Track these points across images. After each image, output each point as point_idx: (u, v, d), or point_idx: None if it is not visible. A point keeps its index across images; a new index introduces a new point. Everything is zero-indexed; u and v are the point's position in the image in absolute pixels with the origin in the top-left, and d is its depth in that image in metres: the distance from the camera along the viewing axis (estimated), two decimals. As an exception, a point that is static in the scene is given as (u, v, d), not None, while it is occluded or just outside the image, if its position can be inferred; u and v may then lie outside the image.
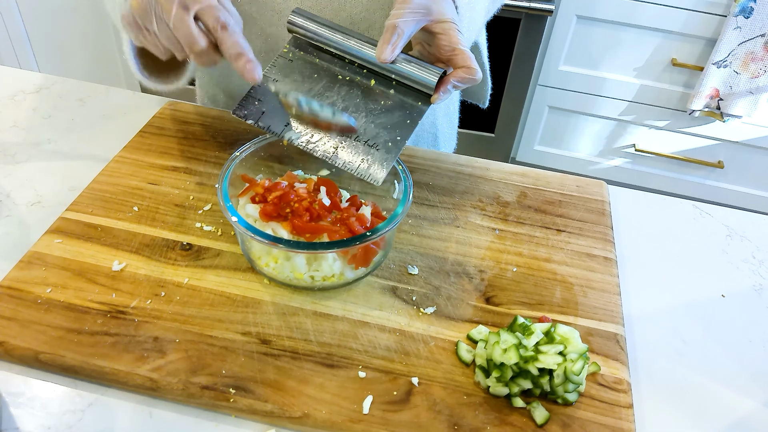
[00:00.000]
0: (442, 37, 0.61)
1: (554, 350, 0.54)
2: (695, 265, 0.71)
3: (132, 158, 0.74)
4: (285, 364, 0.54)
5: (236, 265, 0.62)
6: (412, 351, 0.56)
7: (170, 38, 0.56)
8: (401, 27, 0.60)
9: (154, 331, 0.55)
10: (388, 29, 0.60)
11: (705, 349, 0.62)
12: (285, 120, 0.63)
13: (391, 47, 0.60)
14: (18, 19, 2.13)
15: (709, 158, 2.04)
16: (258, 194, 0.61)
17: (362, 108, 0.63)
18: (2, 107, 0.83)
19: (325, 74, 0.65)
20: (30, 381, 0.53)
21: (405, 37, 0.60)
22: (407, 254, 0.66)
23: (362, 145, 0.62)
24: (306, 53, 0.67)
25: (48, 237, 0.63)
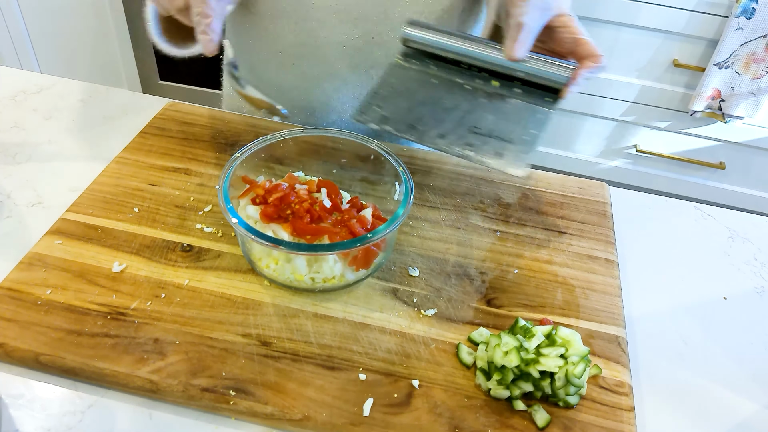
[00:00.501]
0: (563, 30, 0.62)
1: (555, 353, 0.53)
2: (697, 267, 0.71)
3: (133, 159, 0.74)
4: (285, 366, 0.54)
5: (237, 267, 0.62)
6: (413, 353, 0.56)
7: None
8: (528, 23, 0.60)
9: (154, 333, 0.55)
10: (516, 27, 0.60)
11: (706, 351, 0.62)
12: (410, 122, 0.63)
13: (521, 45, 0.60)
14: (19, 19, 2.13)
15: (711, 159, 2.04)
16: (258, 196, 0.61)
17: (489, 108, 0.64)
18: (3, 107, 0.83)
19: (444, 80, 0.66)
20: (30, 383, 0.53)
21: (534, 33, 0.61)
22: (408, 256, 0.65)
23: (496, 140, 0.62)
24: (421, 63, 0.68)
25: (48, 238, 0.63)
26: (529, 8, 0.60)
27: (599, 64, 0.62)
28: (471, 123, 0.63)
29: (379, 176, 0.68)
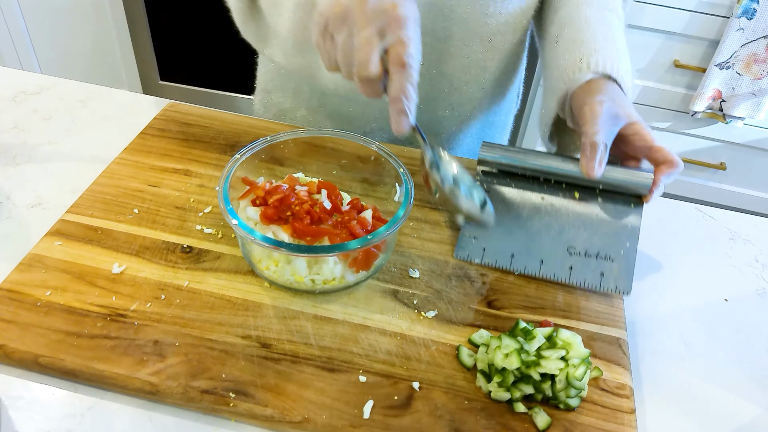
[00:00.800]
0: (636, 138, 0.64)
1: (556, 355, 0.53)
2: (698, 268, 0.71)
3: (133, 160, 0.74)
4: (285, 368, 0.54)
5: (237, 268, 0.62)
6: (413, 355, 0.56)
7: (346, 54, 0.52)
8: (602, 142, 0.62)
9: (153, 335, 0.55)
10: (591, 147, 0.62)
11: (708, 353, 0.61)
12: (509, 251, 0.65)
13: (598, 164, 0.62)
14: (20, 19, 2.13)
15: (711, 160, 2.03)
16: (259, 197, 0.61)
17: (577, 223, 0.65)
18: (3, 108, 0.83)
19: (527, 198, 0.67)
20: (29, 384, 0.53)
21: (607, 151, 0.63)
22: (408, 257, 0.65)
23: (594, 259, 0.63)
24: (499, 182, 0.69)
25: (48, 239, 0.63)
26: (601, 127, 0.62)
27: (676, 169, 0.63)
28: (566, 243, 0.65)
29: (379, 177, 0.68)
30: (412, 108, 0.52)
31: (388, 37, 0.51)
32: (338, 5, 0.51)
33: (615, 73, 0.66)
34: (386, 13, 0.50)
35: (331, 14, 0.52)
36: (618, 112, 0.63)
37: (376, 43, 0.50)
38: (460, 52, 0.78)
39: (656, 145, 0.64)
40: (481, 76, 0.82)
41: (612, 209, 0.66)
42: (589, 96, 0.64)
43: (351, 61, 0.52)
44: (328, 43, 0.54)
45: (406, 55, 0.51)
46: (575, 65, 0.67)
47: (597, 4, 0.73)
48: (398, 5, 0.50)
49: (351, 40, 0.51)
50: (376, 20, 0.50)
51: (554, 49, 0.73)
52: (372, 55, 0.50)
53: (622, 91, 0.66)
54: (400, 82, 0.51)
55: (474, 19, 0.75)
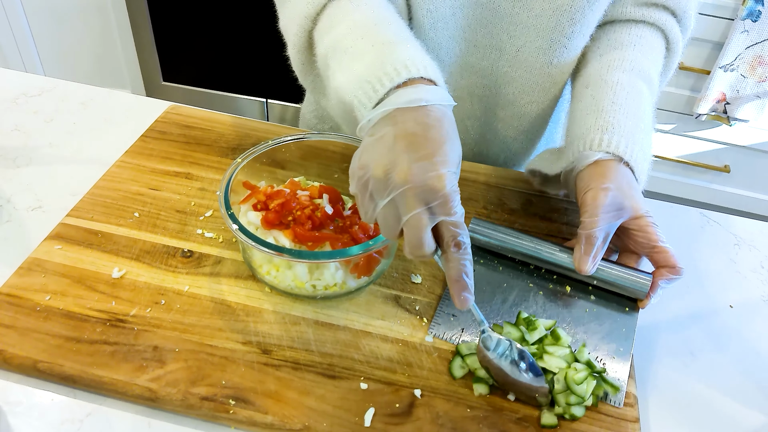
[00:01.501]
0: (639, 234, 0.60)
1: (561, 353, 0.53)
2: (703, 274, 0.70)
3: (134, 163, 0.74)
4: (286, 374, 0.53)
5: (237, 273, 0.62)
6: (415, 362, 0.55)
7: (388, 221, 0.49)
8: (598, 236, 0.57)
9: (153, 340, 0.55)
10: (586, 239, 0.58)
11: (712, 361, 0.61)
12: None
13: (592, 259, 0.58)
14: (23, 20, 2.13)
15: (716, 162, 2.02)
16: (260, 201, 0.60)
17: (566, 318, 0.60)
18: (4, 110, 0.83)
19: (514, 284, 0.63)
20: (28, 390, 0.52)
21: (604, 245, 0.58)
22: (410, 262, 0.65)
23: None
24: (486, 260, 0.65)
25: (48, 243, 0.62)
26: (600, 219, 0.57)
27: (678, 276, 0.59)
28: None
29: (381, 181, 0.68)
30: (472, 284, 0.50)
31: (438, 214, 0.48)
32: (380, 167, 0.47)
33: (629, 156, 0.60)
34: (434, 190, 0.47)
35: (373, 177, 0.48)
36: (624, 203, 0.58)
37: (427, 223, 0.48)
38: (519, 100, 0.76)
39: (660, 245, 0.59)
40: (536, 124, 0.81)
41: (605, 311, 0.61)
42: (595, 180, 0.59)
43: (394, 230, 0.49)
44: (367, 201, 0.50)
45: (462, 236, 0.49)
46: (587, 138, 0.62)
47: (629, 69, 0.67)
48: (445, 178, 0.47)
49: (396, 209, 0.48)
50: (424, 196, 0.47)
51: (575, 106, 0.68)
52: (426, 237, 0.48)
53: (635, 177, 0.61)
54: (460, 263, 0.49)
55: (537, 68, 0.73)
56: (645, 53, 0.68)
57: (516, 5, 0.68)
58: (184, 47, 2.15)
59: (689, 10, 0.70)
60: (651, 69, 0.68)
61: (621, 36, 0.70)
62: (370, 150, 0.49)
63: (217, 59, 2.16)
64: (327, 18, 0.61)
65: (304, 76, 0.69)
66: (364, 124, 0.52)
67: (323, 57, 0.60)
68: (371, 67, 0.52)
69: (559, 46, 0.70)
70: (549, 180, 0.71)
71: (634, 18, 0.70)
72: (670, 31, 0.70)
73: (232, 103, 2.27)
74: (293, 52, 0.66)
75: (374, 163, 0.48)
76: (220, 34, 2.08)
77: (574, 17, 0.67)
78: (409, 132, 0.48)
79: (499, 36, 0.71)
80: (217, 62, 2.17)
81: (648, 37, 0.69)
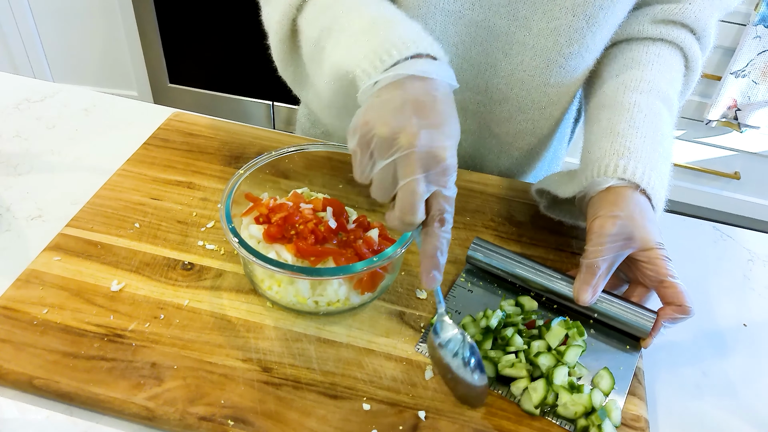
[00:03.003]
0: (648, 267, 0.56)
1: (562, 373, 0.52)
2: (715, 291, 0.68)
3: (135, 172, 0.73)
4: (286, 394, 0.52)
5: (238, 287, 0.60)
6: (419, 382, 0.54)
7: (384, 184, 0.48)
8: (601, 266, 0.55)
9: (151, 357, 0.53)
10: (587, 269, 0.55)
11: (726, 382, 0.59)
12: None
13: (592, 290, 0.55)
14: (31, 22, 2.13)
15: (726, 169, 2.00)
16: (262, 215, 0.59)
17: None
18: (6, 116, 0.82)
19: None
20: (24, 406, 0.51)
21: (606, 276, 0.56)
22: (416, 277, 0.63)
23: None
24: (485, 282, 0.63)
25: (47, 254, 0.61)
26: (605, 248, 0.55)
27: (683, 316, 0.56)
28: None
29: (386, 193, 0.66)
30: (443, 264, 0.49)
31: (434, 183, 0.48)
32: (387, 126, 0.47)
33: (646, 183, 0.57)
34: (436, 158, 0.47)
35: (378, 135, 0.47)
36: (633, 233, 0.55)
37: (424, 191, 0.47)
38: (514, 117, 0.75)
39: (669, 281, 0.56)
40: (532, 142, 0.79)
41: (603, 346, 0.58)
42: (604, 207, 0.56)
43: (388, 193, 0.49)
44: (366, 159, 0.49)
45: (448, 213, 0.49)
46: (602, 163, 0.59)
47: (647, 89, 0.64)
48: (448, 150, 0.47)
49: (394, 172, 0.47)
50: (426, 163, 0.47)
51: (590, 129, 0.65)
52: (419, 204, 0.47)
53: (651, 205, 0.57)
54: (438, 240, 0.49)
55: (533, 88, 0.71)
56: (663, 73, 0.66)
57: (512, 25, 0.66)
58: (191, 50, 2.14)
59: (709, 27, 0.68)
60: (670, 89, 0.65)
61: (638, 55, 0.67)
62: (376, 109, 0.48)
63: (223, 62, 2.15)
64: (314, 5, 0.60)
65: (284, 66, 0.69)
66: (368, 87, 0.51)
67: (314, 41, 0.59)
68: (377, 41, 0.51)
69: (556, 66, 0.68)
70: (557, 204, 0.70)
71: (652, 36, 0.68)
72: (689, 49, 0.68)
73: (239, 106, 2.26)
74: (275, 41, 0.66)
75: (380, 122, 0.47)
76: (226, 37, 2.08)
77: (572, 38, 0.65)
78: (418, 99, 0.48)
79: (495, 54, 0.69)
80: (224, 65, 2.16)
81: (666, 55, 0.67)
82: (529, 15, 0.65)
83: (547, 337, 0.55)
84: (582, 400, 0.51)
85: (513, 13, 0.65)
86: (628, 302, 0.58)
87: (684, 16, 0.67)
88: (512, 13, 0.65)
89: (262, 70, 2.13)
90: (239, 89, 2.22)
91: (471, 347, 0.51)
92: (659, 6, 0.68)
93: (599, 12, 0.63)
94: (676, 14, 0.67)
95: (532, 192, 0.70)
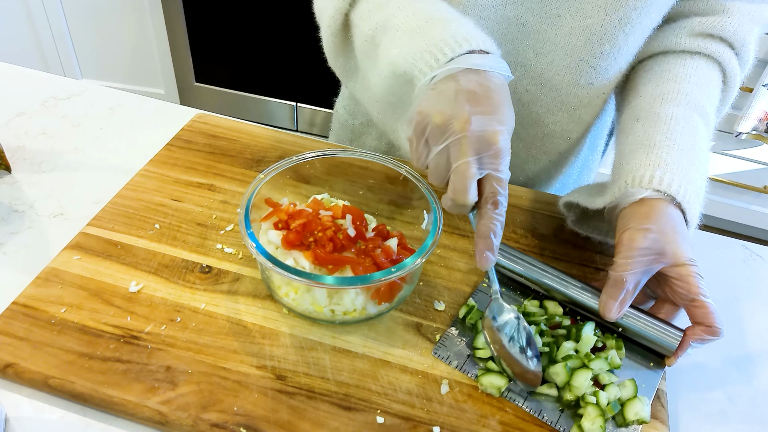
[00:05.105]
0: (678, 283, 0.54)
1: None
2: (744, 312, 0.66)
3: (158, 173, 0.73)
4: (300, 403, 0.51)
5: (255, 292, 0.60)
6: (435, 396, 0.53)
7: (439, 168, 0.51)
8: (629, 281, 0.53)
9: (166, 360, 0.53)
10: (614, 282, 0.54)
11: (753, 409, 0.57)
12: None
13: (619, 305, 0.54)
14: (63, 21, 2.16)
15: (755, 183, 1.95)
16: (281, 220, 0.58)
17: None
18: (32, 114, 0.83)
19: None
20: (39, 405, 0.51)
21: (634, 292, 0.54)
22: (434, 288, 0.62)
23: None
24: (508, 289, 0.62)
25: (67, 253, 0.62)
26: (634, 262, 0.53)
27: (712, 337, 0.53)
28: None
29: (407, 200, 0.66)
30: (497, 246, 0.51)
31: (486, 166, 0.50)
32: (441, 115, 0.50)
33: (681, 196, 0.55)
34: (488, 142, 0.49)
35: (433, 123, 0.50)
36: (664, 248, 0.53)
37: (476, 173, 0.49)
38: (543, 119, 0.74)
39: (700, 300, 0.53)
40: (561, 146, 0.77)
41: (626, 362, 0.56)
42: (635, 220, 0.54)
43: (444, 175, 0.51)
44: (422, 147, 0.52)
45: (501, 195, 0.50)
46: (636, 173, 0.57)
47: (684, 102, 0.62)
48: (500, 134, 0.49)
49: (448, 156, 0.50)
50: (478, 146, 0.49)
51: (623, 141, 0.63)
52: (471, 186, 0.49)
53: (685, 219, 0.56)
54: (492, 222, 0.50)
55: (563, 88, 0.70)
56: (701, 87, 0.64)
57: (544, 22, 0.65)
58: (217, 50, 2.16)
59: (748, 43, 0.66)
60: (707, 104, 0.63)
61: (675, 68, 0.65)
62: (431, 99, 0.51)
63: (249, 62, 2.17)
64: (367, 1, 0.62)
65: (335, 58, 0.70)
66: (425, 82, 0.53)
67: (369, 37, 0.61)
68: (431, 39, 0.54)
69: (586, 66, 0.67)
70: (586, 218, 0.68)
71: (689, 49, 0.66)
72: (728, 64, 0.66)
73: (263, 106, 2.27)
74: (327, 34, 0.68)
75: (435, 111, 0.50)
76: (252, 38, 2.09)
77: (604, 37, 0.64)
78: (471, 89, 0.50)
79: (525, 53, 0.68)
80: (249, 65, 2.17)
81: (704, 69, 0.65)
82: (561, 12, 0.64)
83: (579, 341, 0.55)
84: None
85: (545, 10, 0.65)
86: (654, 318, 0.57)
87: (723, 29, 0.65)
88: (544, 10, 0.65)
89: (287, 72, 2.14)
90: (263, 90, 2.23)
91: (527, 332, 0.53)
92: (697, 18, 0.66)
93: (632, 12, 0.62)
94: (714, 27, 0.65)
95: (560, 205, 0.68)
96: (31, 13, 2.14)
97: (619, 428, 0.52)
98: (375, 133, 0.88)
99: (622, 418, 0.52)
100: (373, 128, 0.87)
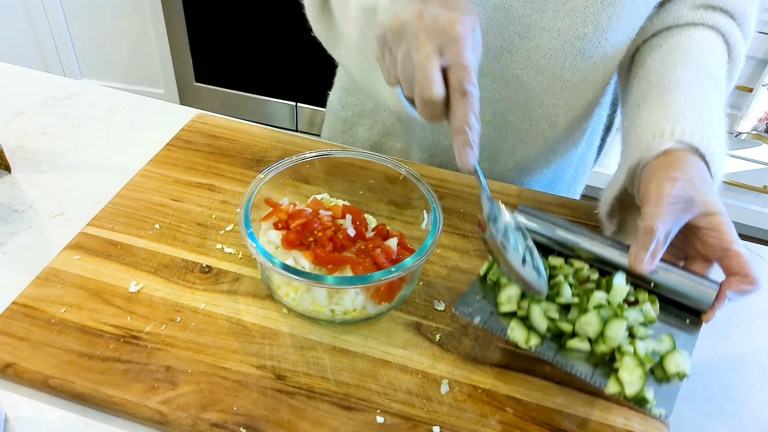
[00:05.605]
0: (710, 233, 0.52)
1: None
2: (745, 314, 0.66)
3: (157, 173, 0.73)
4: (299, 403, 0.51)
5: (255, 292, 0.60)
6: (435, 396, 0.53)
7: (407, 71, 0.49)
8: (660, 229, 0.50)
9: (166, 360, 0.53)
10: (645, 232, 0.51)
11: (752, 409, 0.57)
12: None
13: (651, 256, 0.51)
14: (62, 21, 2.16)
15: (755, 183, 1.95)
16: (281, 220, 0.58)
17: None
18: (32, 113, 0.83)
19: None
20: (39, 405, 0.51)
21: (666, 242, 0.51)
22: (434, 287, 0.62)
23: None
24: None
25: (67, 253, 0.62)
26: (663, 210, 0.50)
27: (750, 287, 0.51)
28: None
29: (407, 200, 0.66)
30: (476, 140, 0.47)
31: (447, 56, 0.47)
32: (396, 19, 0.48)
33: (705, 147, 0.53)
34: (444, 30, 0.47)
35: (389, 28, 0.49)
36: (693, 196, 0.51)
37: (436, 61, 0.47)
38: (530, 103, 0.74)
39: (734, 249, 0.51)
40: (548, 132, 0.77)
41: (661, 321, 0.53)
42: (662, 170, 0.52)
43: (412, 79, 0.48)
44: (388, 58, 0.50)
45: (467, 82, 0.47)
46: (655, 129, 0.55)
47: (695, 67, 0.61)
48: (456, 22, 0.47)
49: (410, 57, 0.48)
50: (435, 37, 0.47)
51: (636, 112, 0.62)
52: (433, 73, 0.46)
53: (710, 173, 0.54)
54: (462, 112, 0.47)
55: (549, 71, 0.70)
56: (708, 54, 0.63)
57: (528, 7, 0.66)
58: (217, 50, 2.16)
59: (748, 15, 0.66)
60: (716, 70, 0.62)
61: (681, 40, 0.65)
62: (388, 10, 0.50)
63: (249, 62, 2.17)
64: None
65: (318, 24, 0.71)
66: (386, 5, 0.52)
67: None
68: None
69: (572, 48, 0.68)
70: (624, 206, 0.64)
71: (692, 21, 0.66)
72: (731, 35, 0.66)
73: (262, 106, 2.27)
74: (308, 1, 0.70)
75: (390, 16, 0.49)
76: (252, 38, 2.09)
77: (587, 20, 0.65)
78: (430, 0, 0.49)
79: (511, 38, 0.69)
80: (249, 65, 2.17)
81: (709, 38, 0.65)
82: None
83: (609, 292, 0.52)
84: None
85: None
86: (688, 272, 0.54)
87: (723, 0, 0.65)
88: None
89: (287, 72, 2.14)
90: (263, 90, 2.23)
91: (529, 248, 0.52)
92: None
93: None
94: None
95: (602, 216, 0.65)
96: (30, 13, 2.14)
97: (659, 383, 0.49)
98: (367, 123, 0.88)
99: (662, 370, 0.49)
100: (365, 118, 0.88)
